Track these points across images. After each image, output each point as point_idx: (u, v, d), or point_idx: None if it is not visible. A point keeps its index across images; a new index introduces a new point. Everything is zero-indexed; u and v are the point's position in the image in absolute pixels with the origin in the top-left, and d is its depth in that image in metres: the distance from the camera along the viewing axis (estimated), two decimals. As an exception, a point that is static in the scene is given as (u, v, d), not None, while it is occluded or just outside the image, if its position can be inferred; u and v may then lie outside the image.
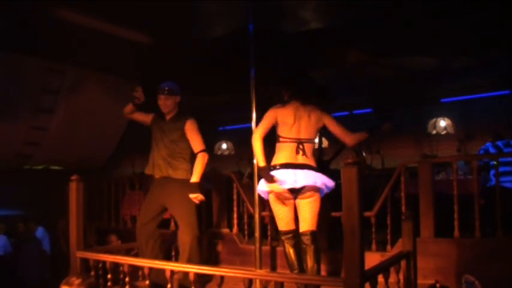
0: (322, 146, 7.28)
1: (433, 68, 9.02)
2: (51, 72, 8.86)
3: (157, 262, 4.73)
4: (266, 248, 5.96)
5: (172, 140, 5.23)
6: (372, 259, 5.25)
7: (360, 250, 3.22)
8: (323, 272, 5.46)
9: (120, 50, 7.98)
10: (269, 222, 6.29)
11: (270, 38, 6.48)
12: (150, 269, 4.29)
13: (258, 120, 5.00)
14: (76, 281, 3.41)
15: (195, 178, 5.10)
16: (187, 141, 5.24)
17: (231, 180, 6.81)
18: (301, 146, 4.57)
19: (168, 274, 4.36)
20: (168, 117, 5.38)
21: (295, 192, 4.59)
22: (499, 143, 7.00)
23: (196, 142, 5.18)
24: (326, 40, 7.61)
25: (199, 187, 5.14)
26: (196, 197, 5.08)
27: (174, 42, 7.64)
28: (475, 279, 4.51)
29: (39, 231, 10.57)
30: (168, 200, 5.24)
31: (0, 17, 6.61)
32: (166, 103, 5.30)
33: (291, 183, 4.47)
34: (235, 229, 6.77)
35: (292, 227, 4.62)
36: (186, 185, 5.11)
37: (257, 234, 5.07)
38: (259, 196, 5.08)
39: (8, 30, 7.10)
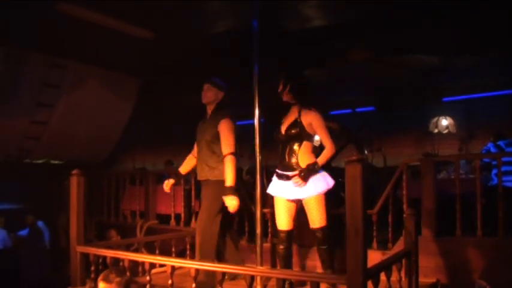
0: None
1: (436, 66, 9.01)
2: (52, 66, 8.84)
3: (158, 258, 4.72)
4: (267, 245, 5.94)
5: (207, 140, 5.01)
6: (374, 257, 5.26)
7: (363, 248, 3.21)
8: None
9: (122, 45, 7.96)
10: (270, 219, 6.27)
11: (273, 35, 6.45)
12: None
13: (261, 117, 4.97)
14: (116, 278, 3.36)
15: (228, 182, 4.86)
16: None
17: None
18: None
19: (169, 270, 4.35)
20: (208, 115, 5.14)
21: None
22: (501, 143, 6.97)
23: (225, 143, 4.92)
24: (329, 38, 7.60)
25: (235, 191, 4.88)
26: (232, 200, 4.82)
27: (176, 38, 7.62)
28: (487, 284, 4.50)
29: (39, 225, 10.55)
30: (203, 198, 5.13)
31: (3, 11, 6.59)
32: (207, 94, 5.07)
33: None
34: (235, 226, 6.74)
35: (285, 227, 4.53)
36: (219, 186, 4.92)
37: (258, 231, 5.03)
38: (260, 193, 5.04)
39: (10, 24, 7.08)
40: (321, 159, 4.40)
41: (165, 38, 7.65)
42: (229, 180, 4.88)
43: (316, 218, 4.40)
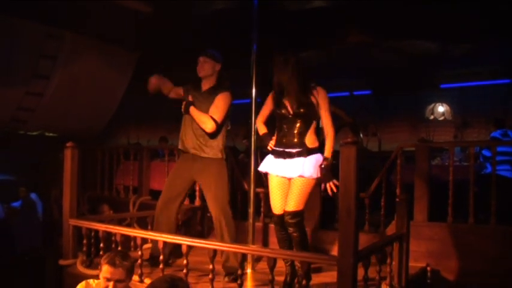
0: (320, 126, 7.23)
1: (434, 53, 9.00)
2: (49, 37, 8.76)
3: (150, 233, 4.74)
4: (259, 224, 5.96)
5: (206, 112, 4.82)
6: (365, 240, 5.29)
7: (354, 230, 3.23)
8: (316, 251, 5.47)
9: (120, 18, 7.90)
10: (263, 199, 6.28)
11: (273, 15, 6.41)
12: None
13: (257, 96, 4.97)
14: (124, 262, 3.14)
15: (192, 109, 4.77)
16: None
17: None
18: None
19: (160, 245, 4.37)
20: (204, 87, 4.92)
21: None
22: (497, 134, 6.98)
23: (215, 110, 4.74)
24: (327, 19, 7.56)
25: (187, 105, 4.82)
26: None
27: (175, 13, 7.56)
28: None
29: (32, 197, 10.55)
30: (201, 177, 4.92)
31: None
32: (204, 66, 4.84)
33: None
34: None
35: (278, 211, 4.28)
36: (219, 164, 4.86)
37: (251, 210, 5.06)
38: (254, 172, 5.05)
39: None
40: (328, 150, 4.15)
41: (164, 12, 7.58)
42: (193, 110, 4.79)
43: (294, 200, 4.13)
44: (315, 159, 4.17)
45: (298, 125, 4.22)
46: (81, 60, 9.42)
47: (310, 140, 4.22)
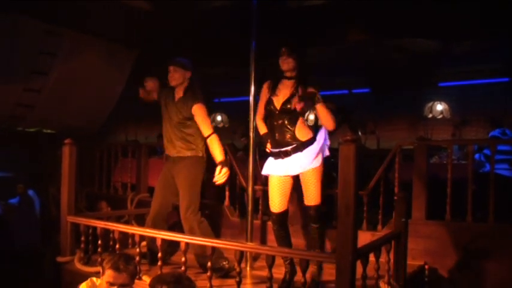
0: (319, 123, 7.23)
1: (434, 51, 8.98)
2: (48, 34, 8.73)
3: (148, 230, 4.73)
4: (257, 222, 5.95)
5: (180, 122, 4.92)
6: (363, 238, 5.29)
7: (353, 228, 3.23)
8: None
9: (119, 16, 7.89)
10: (261, 196, 6.28)
11: (272, 12, 6.40)
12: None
13: (256, 94, 4.96)
14: (128, 267, 3.07)
15: (219, 157, 4.79)
16: (195, 122, 4.92)
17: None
18: None
19: (159, 243, 4.37)
20: (177, 96, 5.00)
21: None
22: (496, 133, 6.99)
23: (204, 127, 4.85)
24: (327, 17, 7.55)
25: (227, 163, 4.92)
26: (226, 171, 4.80)
27: (175, 11, 7.55)
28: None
29: (30, 194, 10.53)
30: (177, 176, 4.96)
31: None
32: (174, 75, 4.91)
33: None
34: (226, 202, 6.75)
35: (277, 210, 4.34)
36: (195, 162, 4.91)
37: (249, 207, 5.06)
38: (253, 170, 5.05)
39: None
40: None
41: (163, 10, 7.57)
42: (219, 154, 4.81)
43: (313, 194, 4.22)
44: (313, 149, 4.22)
45: (285, 121, 4.27)
46: (80, 58, 9.39)
47: (302, 133, 4.27)
